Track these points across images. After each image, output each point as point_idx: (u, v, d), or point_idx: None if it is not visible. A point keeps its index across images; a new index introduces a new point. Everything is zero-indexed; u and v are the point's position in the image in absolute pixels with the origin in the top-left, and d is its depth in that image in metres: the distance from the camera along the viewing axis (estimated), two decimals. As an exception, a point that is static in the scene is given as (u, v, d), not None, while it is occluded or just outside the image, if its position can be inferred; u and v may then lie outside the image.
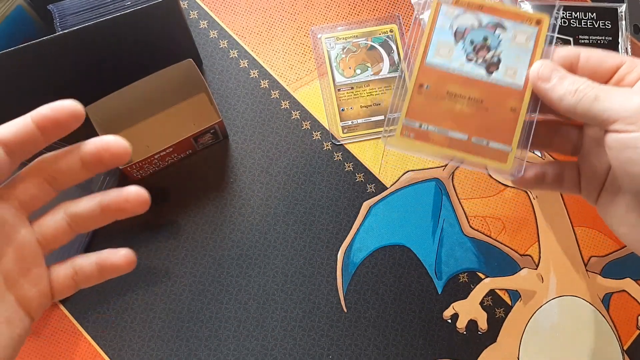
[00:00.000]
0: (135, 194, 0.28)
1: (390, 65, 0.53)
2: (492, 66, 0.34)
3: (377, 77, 0.53)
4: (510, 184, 0.51)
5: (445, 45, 0.34)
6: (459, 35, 0.34)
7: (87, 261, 0.29)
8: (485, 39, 0.34)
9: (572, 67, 0.33)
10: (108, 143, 0.27)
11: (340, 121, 0.52)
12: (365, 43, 0.54)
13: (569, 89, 0.30)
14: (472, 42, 0.34)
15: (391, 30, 0.54)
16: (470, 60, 0.34)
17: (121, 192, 0.28)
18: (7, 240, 0.27)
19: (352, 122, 0.52)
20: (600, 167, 0.34)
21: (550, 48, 0.34)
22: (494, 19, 0.34)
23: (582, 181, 0.35)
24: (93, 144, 0.27)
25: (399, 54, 0.54)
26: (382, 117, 0.52)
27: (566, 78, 0.31)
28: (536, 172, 0.36)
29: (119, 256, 0.29)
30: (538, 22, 0.34)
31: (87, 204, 0.28)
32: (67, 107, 0.26)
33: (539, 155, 0.52)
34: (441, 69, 0.34)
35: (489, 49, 0.34)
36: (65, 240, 0.28)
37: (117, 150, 0.27)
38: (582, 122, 0.35)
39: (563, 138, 0.36)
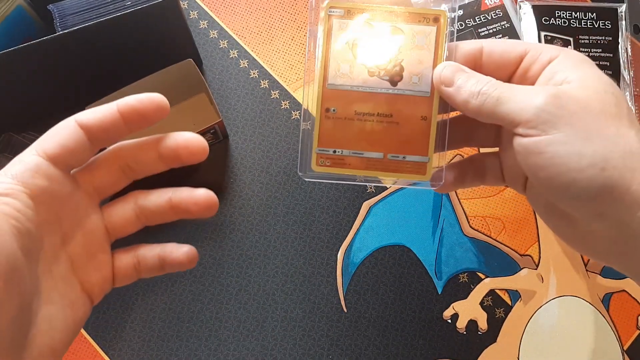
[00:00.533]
0: (204, 198, 0.27)
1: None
2: (395, 76, 0.31)
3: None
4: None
5: (345, 63, 0.32)
6: (356, 49, 0.31)
7: (150, 253, 0.29)
8: (385, 48, 0.31)
9: (476, 63, 0.31)
10: (188, 141, 0.27)
11: (340, 121, 0.52)
12: (365, 43, 0.54)
13: (472, 91, 0.28)
14: (372, 55, 0.31)
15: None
16: (372, 74, 0.31)
17: (192, 193, 0.28)
18: (78, 225, 0.27)
19: (352, 122, 0.52)
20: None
21: (452, 45, 0.31)
22: (390, 25, 0.32)
23: (505, 172, 0.33)
24: (174, 140, 0.27)
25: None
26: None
27: (470, 79, 0.29)
28: (455, 174, 0.34)
29: (181, 252, 0.28)
30: (435, 20, 0.31)
31: (157, 198, 0.28)
32: (153, 99, 0.26)
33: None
34: (345, 88, 0.32)
35: (389, 59, 0.31)
36: (132, 230, 0.28)
37: (196, 149, 0.27)
38: None
39: (482, 132, 0.34)
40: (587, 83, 0.27)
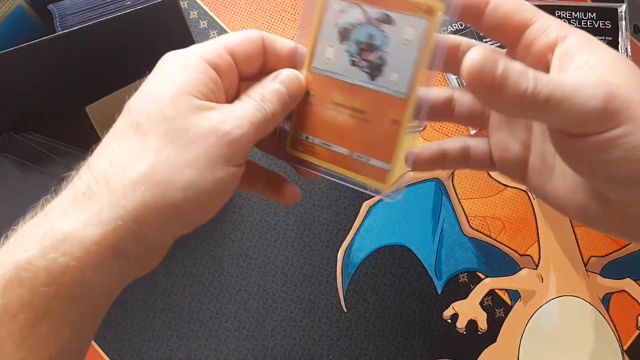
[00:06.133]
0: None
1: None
2: (375, 70, 0.28)
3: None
4: (510, 183, 0.51)
5: (331, 48, 0.29)
6: (344, 34, 0.29)
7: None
8: (371, 37, 0.28)
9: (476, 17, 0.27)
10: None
11: (340, 121, 0.52)
12: (365, 43, 0.54)
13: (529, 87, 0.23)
14: (357, 42, 0.29)
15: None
16: (354, 63, 0.29)
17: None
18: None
19: (352, 122, 0.52)
20: (515, 144, 0.30)
21: (442, 39, 0.27)
22: (381, 12, 0.28)
23: (497, 158, 0.31)
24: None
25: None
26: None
27: (511, 68, 0.23)
28: (433, 152, 0.31)
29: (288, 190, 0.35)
30: (428, 12, 0.27)
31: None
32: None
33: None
34: (326, 74, 0.29)
35: (373, 49, 0.28)
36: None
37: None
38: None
39: (467, 109, 0.31)
40: (614, 68, 0.25)
